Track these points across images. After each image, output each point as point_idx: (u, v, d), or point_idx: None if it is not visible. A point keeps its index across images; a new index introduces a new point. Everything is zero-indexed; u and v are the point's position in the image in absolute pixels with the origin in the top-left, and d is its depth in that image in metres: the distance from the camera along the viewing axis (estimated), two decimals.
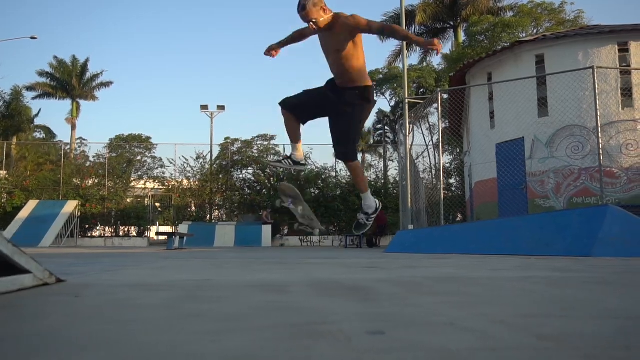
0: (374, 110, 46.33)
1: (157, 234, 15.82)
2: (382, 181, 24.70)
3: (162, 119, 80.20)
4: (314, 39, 3.81)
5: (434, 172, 25.24)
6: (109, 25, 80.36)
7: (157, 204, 24.88)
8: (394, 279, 2.86)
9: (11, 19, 64.53)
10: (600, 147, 8.76)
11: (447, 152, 24.90)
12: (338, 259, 6.30)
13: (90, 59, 38.62)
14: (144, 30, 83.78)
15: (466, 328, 1.26)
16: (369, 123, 40.68)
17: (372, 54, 78.22)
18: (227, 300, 1.85)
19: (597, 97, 8.80)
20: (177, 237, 13.15)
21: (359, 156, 34.09)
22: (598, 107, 8.80)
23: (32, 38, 25.27)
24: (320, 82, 3.88)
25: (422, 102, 14.16)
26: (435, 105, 24.47)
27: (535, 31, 22.57)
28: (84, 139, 35.72)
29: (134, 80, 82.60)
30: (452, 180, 25.32)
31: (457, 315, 1.46)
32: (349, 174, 26.01)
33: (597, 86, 8.88)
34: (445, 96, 14.41)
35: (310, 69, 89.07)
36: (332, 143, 3.89)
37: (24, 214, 19.62)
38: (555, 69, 11.51)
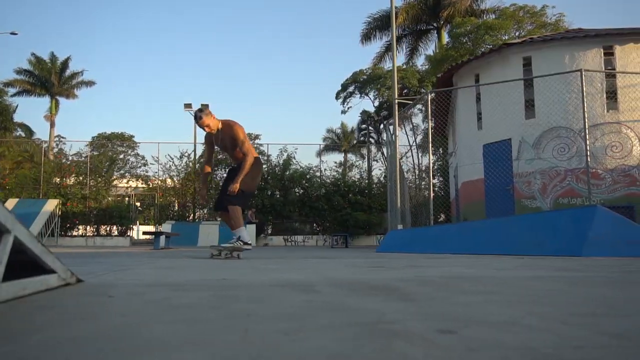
0: (358, 110, 46.28)
1: (144, 233, 15.62)
2: (367, 181, 24.76)
3: (146, 118, 79.49)
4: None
5: (417, 172, 25.41)
6: (93, 24, 79.33)
7: (138, 204, 24.57)
8: (413, 278, 2.87)
9: None
10: (587, 148, 8.90)
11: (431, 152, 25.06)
12: (334, 258, 6.29)
13: (73, 57, 38.00)
14: (128, 29, 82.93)
15: (533, 326, 1.27)
16: (353, 123, 40.85)
17: (357, 54, 78.38)
18: (268, 299, 1.83)
19: (584, 100, 8.94)
20: (163, 236, 13.01)
21: (341, 157, 34.08)
22: (585, 110, 8.94)
23: (12, 34, 24.76)
24: (303, 79, 4.00)
25: (410, 102, 14.24)
26: (418, 105, 24.55)
27: (517, 34, 22.87)
28: (63, 137, 35.18)
29: (118, 79, 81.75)
30: (435, 181, 25.49)
31: (513, 314, 1.47)
32: (333, 173, 26.20)
33: (584, 89, 9.02)
34: (432, 96, 14.49)
35: (293, 68, 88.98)
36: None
37: None
38: (542, 71, 11.68)
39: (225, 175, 6.06)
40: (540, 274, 3.33)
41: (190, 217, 23.50)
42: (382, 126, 31.72)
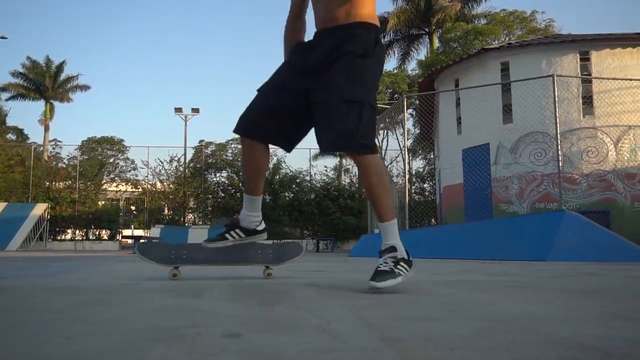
0: None
1: (124, 237, 15.67)
2: (357, 185, 24.81)
3: (136, 122, 79.54)
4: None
5: (407, 176, 25.48)
6: (84, 29, 79.55)
7: (133, 207, 24.63)
8: (314, 283, 2.90)
9: None
10: (560, 153, 8.94)
11: (420, 157, 25.15)
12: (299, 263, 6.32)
13: (67, 61, 38.10)
14: (118, 33, 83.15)
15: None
16: None
17: None
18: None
19: (558, 105, 8.98)
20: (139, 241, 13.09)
21: (336, 160, 34.01)
22: (558, 115, 8.98)
23: (2, 38, 24.90)
24: None
25: (389, 107, 14.31)
26: (409, 110, 24.64)
27: (507, 39, 22.97)
28: (59, 141, 35.30)
29: (107, 83, 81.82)
30: (425, 185, 25.56)
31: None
32: (323, 177, 26.36)
33: (557, 94, 9.06)
34: (416, 101, 14.59)
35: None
36: (324, 134, 2.26)
37: None
38: (519, 76, 11.74)
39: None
40: (466, 278, 3.36)
41: (181, 221, 23.56)
42: None
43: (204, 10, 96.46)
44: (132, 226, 24.98)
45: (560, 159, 8.81)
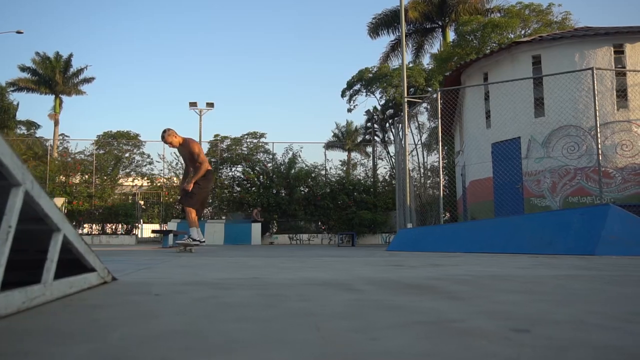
0: (364, 109, 46.10)
1: (154, 232, 15.64)
2: (372, 179, 24.73)
3: (151, 116, 79.60)
4: None
5: (422, 171, 25.38)
6: (97, 23, 79.42)
7: (142, 202, 24.58)
8: (442, 277, 2.86)
9: None
10: (599, 147, 8.88)
11: (436, 151, 25.02)
12: (346, 257, 6.29)
13: (75, 55, 38.11)
14: (133, 28, 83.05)
15: (604, 325, 1.26)
16: (358, 122, 40.78)
17: (363, 52, 78.39)
18: (315, 298, 1.83)
19: (596, 98, 8.92)
20: (171, 235, 13.03)
21: (344, 155, 34.18)
22: (597, 108, 8.91)
23: (18, 32, 24.79)
24: (310, 78, 3.77)
25: (419, 101, 14.22)
26: (424, 104, 24.61)
27: (523, 32, 22.82)
28: (67, 135, 35.21)
29: (123, 78, 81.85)
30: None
31: (573, 313, 1.46)
32: (339, 172, 26.19)
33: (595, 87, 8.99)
34: (435, 95, 14.49)
35: (299, 67, 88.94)
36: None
37: None
38: (551, 69, 11.65)
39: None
40: (563, 272, 3.32)
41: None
42: (387, 124, 31.67)
43: (221, 6, 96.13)
44: (142, 221, 24.94)
45: (599, 152, 8.75)
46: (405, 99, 11.50)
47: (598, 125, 8.95)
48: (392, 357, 0.94)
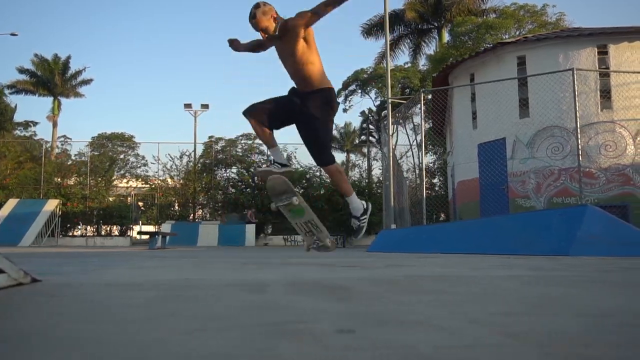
0: (359, 110, 45.88)
1: (139, 233, 15.70)
2: (367, 180, 24.76)
3: (146, 118, 79.76)
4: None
5: (417, 171, 25.40)
6: (92, 24, 79.58)
7: (141, 203, 24.69)
8: (375, 277, 2.89)
9: None
10: (580, 147, 8.89)
11: (430, 152, 25.05)
12: (315, 258, 6.32)
13: (73, 56, 38.25)
14: (127, 29, 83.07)
15: (439, 326, 1.29)
16: (355, 123, 40.80)
17: (359, 53, 78.44)
18: (206, 299, 1.86)
19: (577, 99, 8.94)
20: (160, 236, 13.09)
21: (343, 156, 34.07)
22: (578, 109, 8.93)
23: (12, 35, 24.91)
24: None
25: (405, 102, 14.26)
26: (419, 105, 24.66)
27: (518, 33, 22.82)
28: (68, 137, 35.37)
29: (117, 79, 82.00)
30: (435, 180, 25.49)
31: (435, 314, 1.49)
32: None
33: (576, 88, 9.01)
34: (429, 96, 14.53)
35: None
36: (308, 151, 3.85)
37: (3, 212, 19.36)
38: (536, 70, 11.67)
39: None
40: (514, 273, 3.35)
41: (191, 217, 23.59)
42: (382, 125, 31.66)
43: (214, 6, 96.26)
44: (141, 222, 25.06)
45: (579, 153, 8.76)
46: (390, 100, 11.53)
47: (579, 125, 8.97)
48: (179, 357, 0.97)
